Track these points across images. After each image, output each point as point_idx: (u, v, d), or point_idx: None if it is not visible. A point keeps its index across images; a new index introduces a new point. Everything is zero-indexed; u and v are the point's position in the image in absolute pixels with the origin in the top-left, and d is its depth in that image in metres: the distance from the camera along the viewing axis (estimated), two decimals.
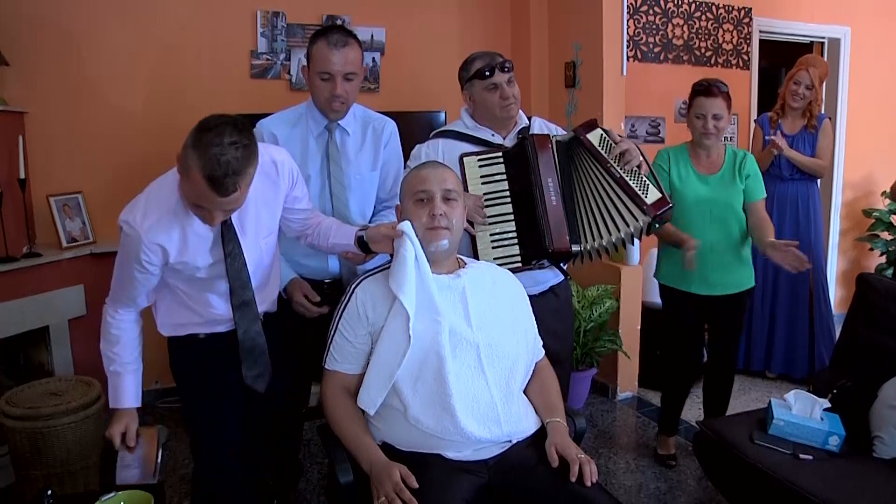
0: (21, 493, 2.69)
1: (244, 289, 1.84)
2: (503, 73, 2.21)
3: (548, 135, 2.17)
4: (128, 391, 1.83)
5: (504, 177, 2.15)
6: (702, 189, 2.78)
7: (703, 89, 2.72)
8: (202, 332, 1.92)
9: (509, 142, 2.29)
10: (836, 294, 4.98)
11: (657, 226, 2.10)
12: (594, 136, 2.13)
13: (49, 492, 1.66)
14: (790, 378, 3.92)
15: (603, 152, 2.10)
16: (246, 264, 1.83)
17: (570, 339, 2.51)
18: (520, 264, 2.14)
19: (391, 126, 2.37)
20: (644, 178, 2.10)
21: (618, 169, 2.08)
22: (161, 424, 3.40)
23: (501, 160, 2.16)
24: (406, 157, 2.37)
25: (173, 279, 1.84)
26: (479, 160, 2.16)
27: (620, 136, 2.16)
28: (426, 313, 1.69)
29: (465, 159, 2.15)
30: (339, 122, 2.25)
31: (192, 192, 1.61)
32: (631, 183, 2.06)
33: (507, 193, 2.15)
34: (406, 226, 1.74)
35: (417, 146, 2.32)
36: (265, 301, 1.97)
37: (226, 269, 1.81)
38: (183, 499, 2.81)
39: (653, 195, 2.06)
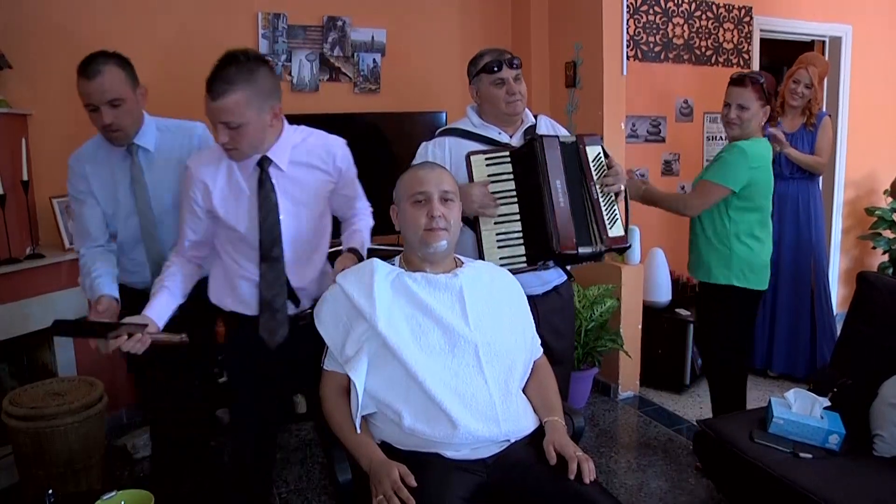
0: (24, 492, 2.71)
1: (273, 244, 1.93)
2: (511, 68, 2.22)
3: (556, 136, 2.17)
4: (155, 306, 1.94)
5: (511, 176, 2.15)
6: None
7: (735, 79, 2.74)
8: (240, 311, 2.03)
9: (516, 140, 2.29)
10: (839, 293, 4.98)
11: (602, 258, 2.19)
12: (592, 151, 2.14)
13: (50, 491, 1.67)
14: (792, 377, 3.92)
15: (593, 169, 2.13)
16: (279, 222, 1.93)
17: (571, 338, 2.52)
18: (525, 265, 2.14)
19: (200, 130, 2.34)
20: (616, 211, 2.15)
21: (598, 191, 2.12)
22: None
23: (509, 159, 2.15)
24: (404, 156, 2.37)
25: (222, 241, 2.02)
26: (487, 159, 2.16)
27: (616, 162, 2.20)
28: (389, 330, 1.70)
29: (472, 157, 2.15)
30: (137, 142, 2.20)
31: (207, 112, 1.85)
32: (604, 209, 2.11)
33: (514, 193, 2.14)
34: (340, 277, 1.82)
35: (423, 144, 2.32)
36: (302, 279, 2.02)
37: (258, 216, 1.92)
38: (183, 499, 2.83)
39: (616, 230, 2.12)
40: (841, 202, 4.99)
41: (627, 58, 3.76)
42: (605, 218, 2.11)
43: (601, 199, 2.11)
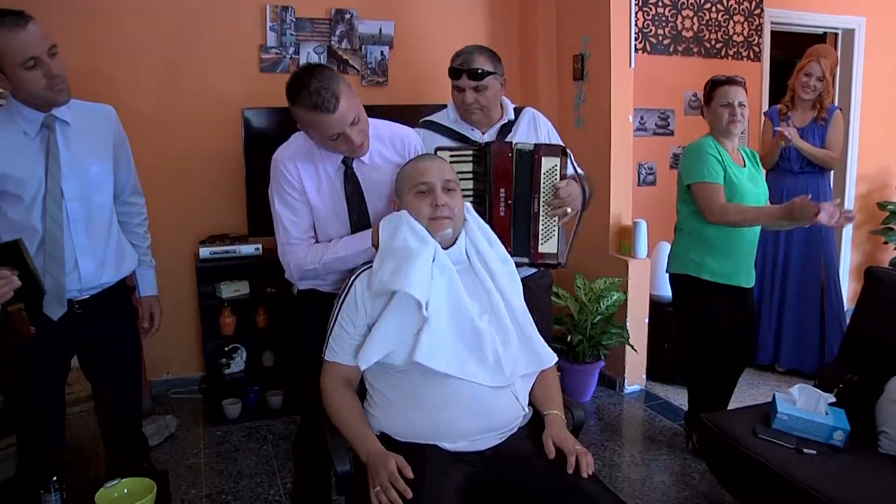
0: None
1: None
2: (471, 79, 2.22)
3: (509, 143, 2.15)
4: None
5: (471, 175, 2.16)
6: (747, 182, 2.82)
7: (726, 80, 2.79)
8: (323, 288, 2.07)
9: (488, 137, 2.32)
10: (850, 288, 4.93)
11: (539, 268, 2.21)
12: (547, 163, 2.12)
13: (55, 478, 1.69)
14: (799, 373, 3.89)
15: (543, 182, 2.11)
16: (368, 214, 1.99)
17: (542, 331, 2.49)
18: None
19: (110, 110, 2.16)
20: (554, 227, 2.15)
21: (540, 204, 2.11)
22: (171, 414, 3.46)
23: (471, 158, 2.16)
24: None
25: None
26: (451, 156, 2.16)
27: (575, 178, 2.18)
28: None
29: (438, 153, 2.15)
30: (56, 114, 1.92)
31: (318, 131, 1.85)
32: (540, 224, 2.12)
33: (471, 192, 2.16)
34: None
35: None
36: None
37: (347, 208, 1.98)
38: (190, 487, 2.86)
39: (548, 247, 2.14)
40: (853, 196, 4.94)
41: (636, 50, 3.73)
42: (541, 232, 2.12)
43: (541, 213, 2.12)
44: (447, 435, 1.68)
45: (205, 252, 3.46)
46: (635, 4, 3.62)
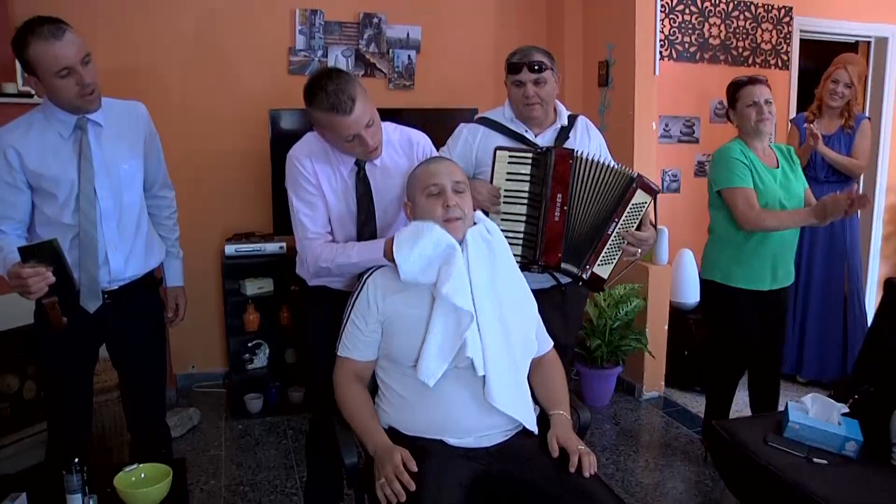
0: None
1: (371, 232, 2.07)
2: (531, 72, 2.24)
3: (571, 151, 2.16)
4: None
5: (528, 178, 2.18)
6: (775, 184, 2.80)
7: (748, 80, 2.78)
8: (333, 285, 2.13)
9: (541, 139, 2.33)
10: (877, 300, 4.84)
11: (580, 283, 2.23)
12: (640, 196, 2.16)
13: (77, 460, 1.76)
14: (821, 384, 3.85)
15: (628, 211, 2.15)
16: (375, 218, 2.05)
17: (566, 340, 2.48)
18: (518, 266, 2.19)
19: (142, 108, 2.21)
20: (616, 256, 2.20)
21: (616, 229, 2.15)
22: (194, 407, 3.55)
23: (530, 161, 2.18)
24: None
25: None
26: (510, 156, 2.18)
27: (653, 223, 2.24)
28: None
29: (498, 152, 2.18)
30: (88, 115, 1.99)
31: (335, 133, 1.92)
32: (606, 247, 2.16)
33: (527, 195, 2.18)
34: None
35: (462, 125, 2.41)
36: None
37: (357, 207, 2.04)
38: (210, 478, 2.93)
39: (602, 271, 2.19)
40: (882, 207, 4.85)
41: (662, 58, 3.73)
42: (603, 255, 2.16)
43: (612, 238, 2.15)
44: (453, 430, 1.72)
45: (230, 249, 3.54)
46: (662, 11, 3.62)
